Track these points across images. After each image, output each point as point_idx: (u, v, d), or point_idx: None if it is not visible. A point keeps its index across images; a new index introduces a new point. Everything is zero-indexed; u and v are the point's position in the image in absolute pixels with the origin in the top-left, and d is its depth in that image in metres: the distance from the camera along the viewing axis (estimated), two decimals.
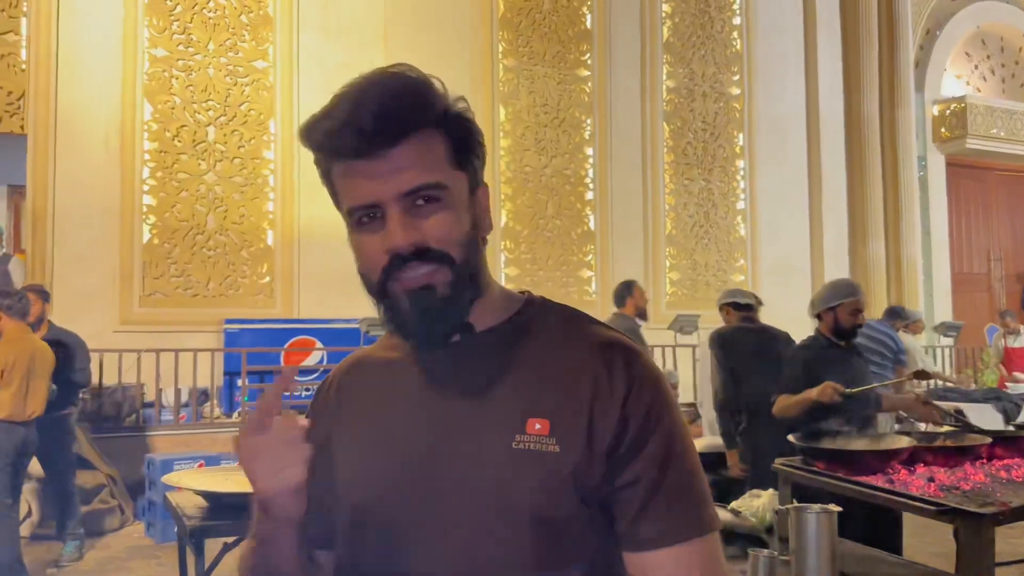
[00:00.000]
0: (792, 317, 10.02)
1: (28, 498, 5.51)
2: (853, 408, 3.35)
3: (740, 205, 10.76)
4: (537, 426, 0.89)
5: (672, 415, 0.92)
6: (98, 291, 7.72)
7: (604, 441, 0.89)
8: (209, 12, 8.25)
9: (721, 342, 4.74)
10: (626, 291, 5.83)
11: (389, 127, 0.88)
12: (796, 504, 2.32)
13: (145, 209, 8.00)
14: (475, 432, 0.91)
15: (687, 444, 0.93)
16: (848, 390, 3.28)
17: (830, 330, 3.56)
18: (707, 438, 5.32)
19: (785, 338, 4.68)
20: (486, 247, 0.99)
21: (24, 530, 5.32)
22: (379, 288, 0.92)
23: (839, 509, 2.20)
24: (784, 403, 3.46)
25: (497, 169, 9.31)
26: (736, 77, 10.82)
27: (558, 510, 0.88)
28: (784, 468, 2.85)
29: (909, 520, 3.15)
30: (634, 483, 0.89)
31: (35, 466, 5.19)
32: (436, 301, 0.91)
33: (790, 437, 2.88)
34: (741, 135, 10.80)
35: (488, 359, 0.95)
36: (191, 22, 8.17)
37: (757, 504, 2.99)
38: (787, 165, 10.93)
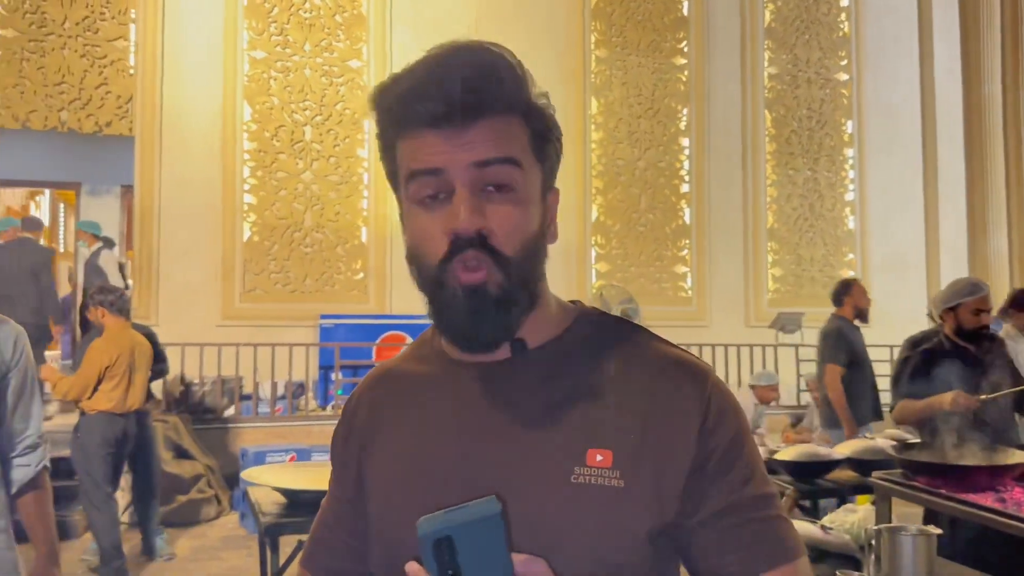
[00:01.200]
0: (905, 315, 9.55)
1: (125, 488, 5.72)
2: (988, 418, 3.08)
3: (849, 196, 10.23)
4: (599, 457, 0.80)
5: (751, 441, 0.85)
6: (201, 287, 7.99)
7: (678, 474, 0.80)
8: (305, 13, 8.41)
9: None
10: (844, 290, 5.42)
11: (473, 98, 0.78)
12: (890, 525, 2.11)
13: (246, 207, 8.23)
14: (526, 463, 0.81)
15: (763, 469, 0.85)
16: (983, 396, 3.02)
17: (953, 332, 3.33)
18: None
19: None
20: (546, 259, 0.88)
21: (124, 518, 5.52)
22: (435, 277, 0.81)
23: (938, 532, 1.98)
24: (907, 408, 3.23)
25: (588, 163, 9.14)
26: (844, 62, 10.29)
27: (621, 553, 0.78)
28: (881, 483, 2.61)
29: None
30: (715, 518, 0.81)
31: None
32: (487, 302, 0.80)
33: (888, 449, 2.64)
34: (849, 122, 10.26)
35: (541, 379, 0.85)
36: (288, 23, 8.34)
37: (852, 520, 2.76)
38: (900, 153, 10.33)
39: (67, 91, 7.73)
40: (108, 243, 7.92)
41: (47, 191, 11.80)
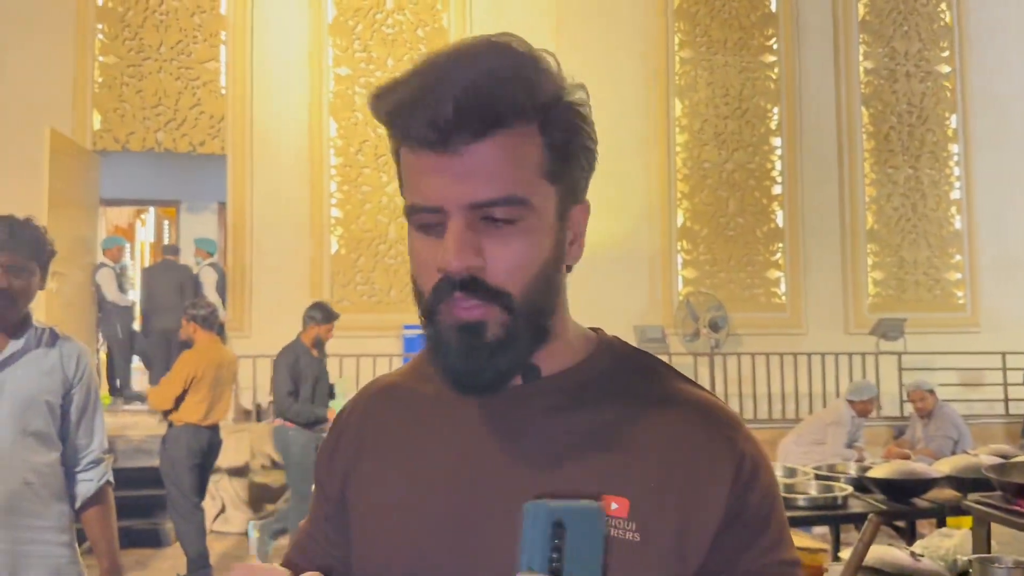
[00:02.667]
0: (1018, 319, 8.95)
1: (220, 494, 5.89)
2: None
3: (955, 195, 9.67)
4: (614, 506, 0.71)
5: (781, 502, 0.78)
6: (291, 299, 8.16)
7: (705, 532, 0.72)
8: (387, 29, 8.53)
9: None
10: None
11: (472, 118, 0.69)
12: (985, 555, 1.92)
13: (333, 221, 8.40)
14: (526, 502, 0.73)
15: (790, 533, 0.78)
16: None
17: None
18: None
19: None
20: (566, 277, 0.80)
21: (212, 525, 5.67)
22: (428, 308, 0.75)
23: None
24: None
25: (673, 166, 8.93)
26: (945, 53, 9.74)
27: None
28: (977, 506, 2.39)
29: None
30: None
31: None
32: (484, 343, 0.72)
33: (984, 469, 2.42)
34: (954, 117, 9.70)
35: (553, 411, 0.77)
36: (371, 39, 8.48)
37: (948, 545, 2.56)
38: (1009, 148, 9.69)
39: (163, 112, 8.07)
40: (216, 265, 8.23)
41: (151, 209, 12.36)
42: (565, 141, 0.75)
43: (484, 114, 0.69)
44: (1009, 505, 2.33)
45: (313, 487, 0.95)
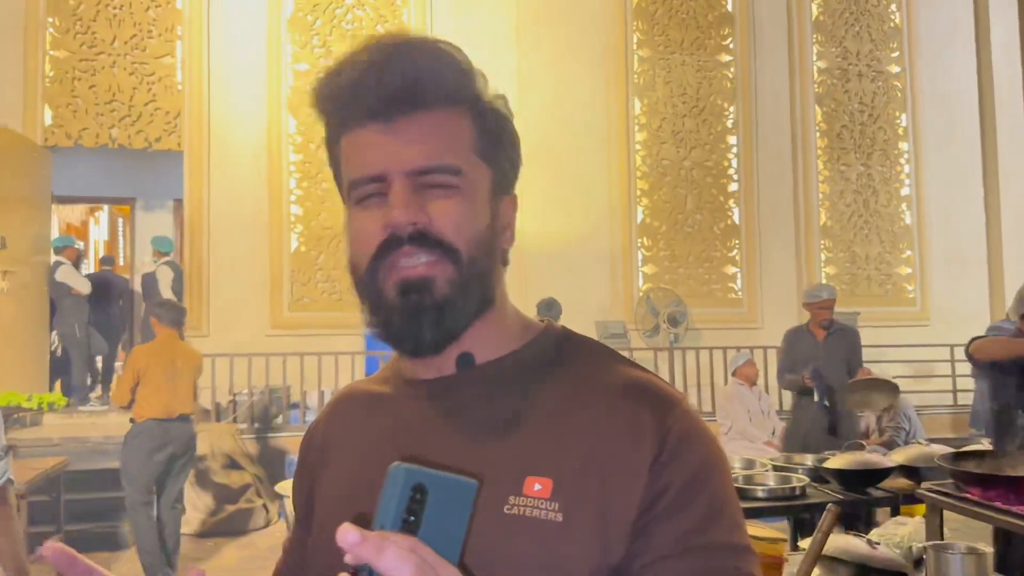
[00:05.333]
0: (967, 312, 9.21)
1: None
2: None
3: (905, 191, 9.91)
4: (537, 486, 0.71)
5: (721, 480, 0.73)
6: (250, 297, 8.10)
7: (626, 511, 0.70)
8: (347, 24, 8.48)
9: None
10: None
11: (415, 91, 0.74)
12: (939, 542, 2.00)
13: (293, 218, 8.32)
14: None
15: (739, 518, 0.73)
16: None
17: None
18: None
19: None
20: (506, 267, 0.82)
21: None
22: (367, 276, 0.76)
23: (990, 551, 1.86)
24: (995, 342, 3.12)
25: (632, 164, 9.02)
26: (896, 53, 9.97)
27: None
28: (931, 495, 2.48)
29: None
30: (663, 562, 0.69)
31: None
32: (432, 298, 0.74)
33: (938, 458, 2.51)
34: (904, 115, 9.94)
35: (486, 397, 0.77)
36: (330, 35, 8.42)
37: (902, 533, 2.63)
38: (958, 145, 9.97)
39: (117, 108, 7.92)
40: (172, 264, 8.07)
41: (105, 207, 12.12)
42: (495, 129, 0.79)
43: (426, 89, 0.75)
44: (961, 493, 2.41)
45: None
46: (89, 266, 10.95)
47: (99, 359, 8.47)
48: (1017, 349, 2.97)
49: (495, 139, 0.79)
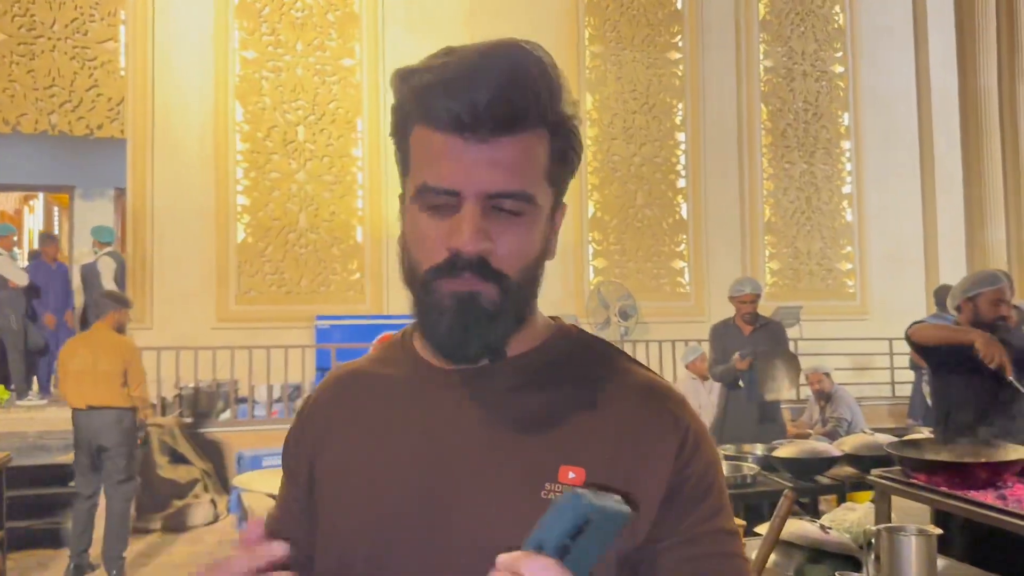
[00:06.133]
0: (905, 307, 9.50)
1: None
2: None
3: (846, 189, 10.19)
4: (571, 475, 0.76)
5: (722, 475, 0.84)
6: (196, 289, 7.94)
7: (652, 500, 0.77)
8: (296, 12, 8.35)
9: None
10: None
11: (504, 112, 0.73)
12: (889, 525, 2.07)
13: (239, 209, 8.18)
14: (494, 476, 0.77)
15: (730, 507, 0.83)
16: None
17: (969, 323, 3.23)
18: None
19: None
20: (543, 276, 0.85)
21: None
22: (423, 282, 0.78)
23: (938, 532, 1.94)
24: (928, 328, 3.22)
25: (584, 159, 9.07)
26: (839, 54, 10.24)
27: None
28: (880, 481, 2.57)
29: None
30: (680, 546, 0.78)
31: None
32: (480, 312, 0.77)
33: (887, 447, 2.60)
34: (846, 115, 10.21)
35: (517, 388, 0.82)
36: (279, 23, 8.28)
37: (852, 519, 2.72)
38: (897, 145, 10.28)
39: (57, 94, 7.68)
40: (115, 254, 7.84)
41: (41, 195, 11.74)
42: (566, 149, 0.80)
43: (515, 111, 0.74)
44: (908, 479, 2.51)
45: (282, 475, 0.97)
46: (23, 257, 10.60)
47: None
48: (953, 336, 3.09)
49: (564, 158, 0.80)
